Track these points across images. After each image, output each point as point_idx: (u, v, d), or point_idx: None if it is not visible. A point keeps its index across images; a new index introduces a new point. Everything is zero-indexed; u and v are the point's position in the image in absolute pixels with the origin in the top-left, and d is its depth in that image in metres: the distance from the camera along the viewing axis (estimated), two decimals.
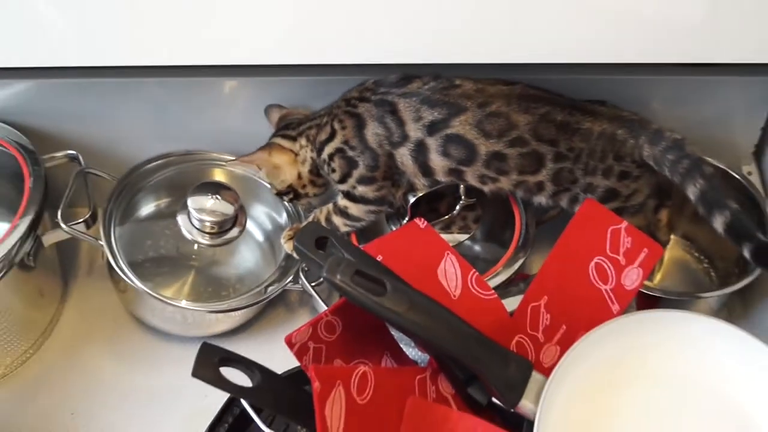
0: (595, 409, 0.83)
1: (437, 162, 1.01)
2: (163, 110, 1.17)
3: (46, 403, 1.10)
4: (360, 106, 1.02)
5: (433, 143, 0.99)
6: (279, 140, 1.09)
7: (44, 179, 1.08)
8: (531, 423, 0.79)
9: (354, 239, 1.09)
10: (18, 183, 1.08)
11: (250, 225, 1.16)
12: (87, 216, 1.09)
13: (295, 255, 1.07)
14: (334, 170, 1.05)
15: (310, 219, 1.12)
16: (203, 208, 1.08)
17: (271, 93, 1.12)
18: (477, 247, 1.14)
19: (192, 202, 1.08)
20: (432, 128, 0.99)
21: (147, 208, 1.18)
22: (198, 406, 1.07)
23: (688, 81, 1.11)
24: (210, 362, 0.83)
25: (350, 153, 1.02)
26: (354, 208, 1.06)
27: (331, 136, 1.04)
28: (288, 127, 1.10)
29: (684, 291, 1.11)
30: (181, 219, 1.10)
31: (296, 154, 1.08)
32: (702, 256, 1.18)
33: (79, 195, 1.12)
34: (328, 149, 1.04)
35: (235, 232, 1.11)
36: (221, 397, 1.04)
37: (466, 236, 1.13)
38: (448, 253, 0.92)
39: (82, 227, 1.08)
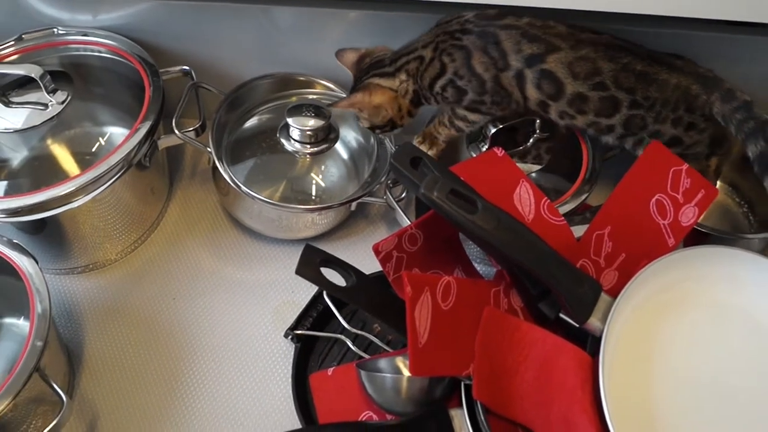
0: (649, 329, 0.80)
1: (531, 93, 0.95)
2: (266, 35, 1.12)
3: (151, 287, 1.08)
4: (464, 39, 0.95)
5: (530, 75, 0.93)
6: (376, 80, 1.00)
7: (162, 90, 1.05)
8: (596, 338, 0.76)
9: None
10: (139, 93, 1.04)
11: (338, 146, 1.11)
12: (197, 125, 1.06)
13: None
14: (446, 98, 0.98)
15: (434, 123, 1.05)
16: (300, 120, 1.06)
17: (357, 27, 1.06)
18: (545, 178, 1.09)
19: (290, 113, 1.06)
20: (530, 61, 0.93)
21: (250, 122, 1.13)
22: (286, 300, 1.06)
23: (742, 40, 1.03)
24: (312, 262, 0.81)
25: (459, 83, 0.95)
26: (472, 116, 1.00)
27: (442, 71, 0.96)
28: (380, 65, 1.00)
29: (730, 230, 1.06)
30: (280, 130, 1.09)
31: (395, 90, 0.99)
32: (742, 201, 1.12)
33: (191, 106, 1.09)
34: (441, 82, 0.96)
35: (326, 144, 1.08)
36: (306, 294, 1.02)
37: (538, 167, 1.07)
38: (523, 181, 0.87)
39: (192, 135, 1.06)
